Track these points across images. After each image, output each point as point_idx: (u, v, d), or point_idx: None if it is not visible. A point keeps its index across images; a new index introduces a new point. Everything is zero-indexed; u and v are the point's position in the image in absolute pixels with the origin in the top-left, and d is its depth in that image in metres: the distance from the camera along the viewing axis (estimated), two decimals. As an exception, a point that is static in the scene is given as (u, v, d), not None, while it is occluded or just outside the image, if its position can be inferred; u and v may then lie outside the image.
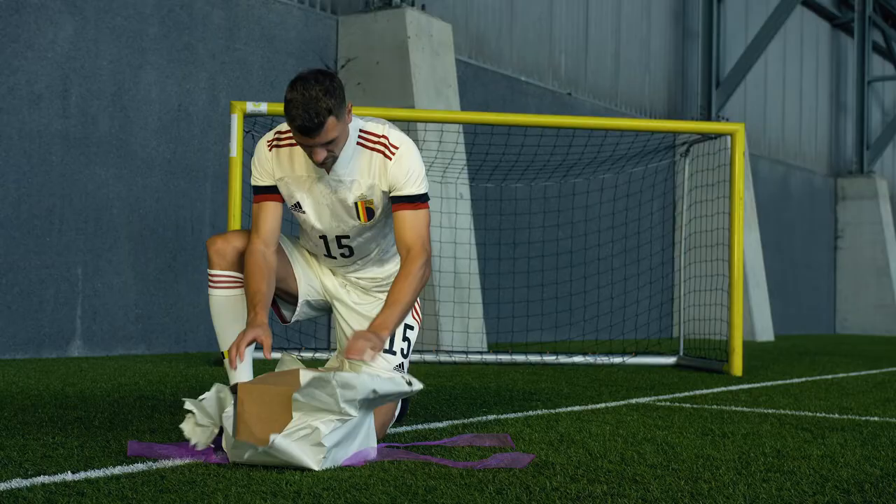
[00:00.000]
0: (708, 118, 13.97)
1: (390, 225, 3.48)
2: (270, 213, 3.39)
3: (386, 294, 3.50)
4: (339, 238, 3.44)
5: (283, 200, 3.42)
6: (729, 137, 7.34)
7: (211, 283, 3.44)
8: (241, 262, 3.40)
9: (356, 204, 3.35)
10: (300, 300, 3.57)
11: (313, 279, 3.59)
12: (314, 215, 3.40)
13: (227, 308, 3.42)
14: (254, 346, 3.49)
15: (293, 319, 3.65)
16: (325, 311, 3.71)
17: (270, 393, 3.00)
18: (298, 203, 3.38)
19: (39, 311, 6.79)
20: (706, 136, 7.98)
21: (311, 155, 3.20)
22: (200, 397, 3.06)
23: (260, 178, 3.40)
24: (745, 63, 14.18)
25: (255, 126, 6.97)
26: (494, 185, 9.43)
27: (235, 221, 6.52)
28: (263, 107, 6.48)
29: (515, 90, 11.15)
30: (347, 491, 2.56)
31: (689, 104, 14.37)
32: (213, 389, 3.05)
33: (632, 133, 8.51)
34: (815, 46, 18.15)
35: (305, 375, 2.87)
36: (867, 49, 18.45)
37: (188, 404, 3.02)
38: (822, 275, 18.15)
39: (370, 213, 3.37)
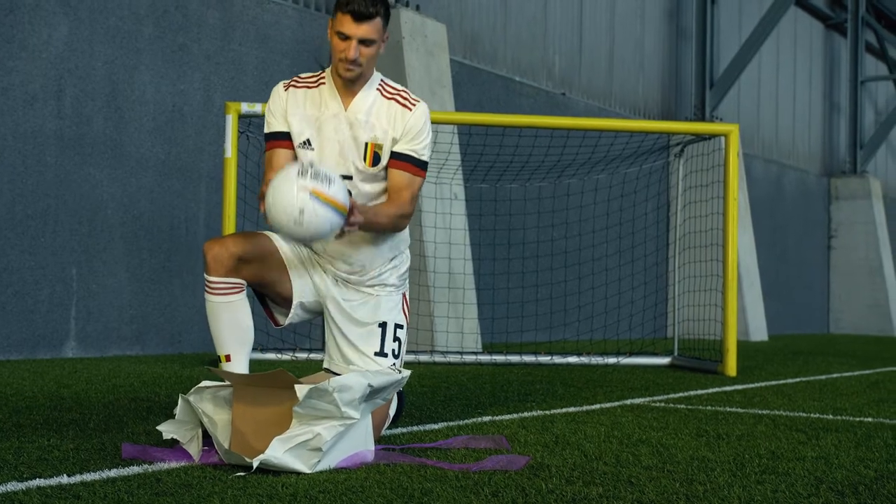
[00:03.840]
0: (702, 118, 14.00)
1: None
2: (283, 158, 3.49)
3: (372, 288, 3.57)
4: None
5: (293, 148, 3.50)
6: (723, 138, 7.35)
7: (208, 289, 3.43)
8: (238, 268, 3.40)
9: (366, 144, 3.45)
10: (294, 301, 3.56)
11: (305, 278, 3.57)
12: (321, 153, 3.46)
13: (224, 314, 3.42)
14: (250, 351, 3.50)
15: (287, 322, 3.64)
16: (317, 313, 3.69)
17: (265, 395, 3.01)
18: (307, 140, 3.47)
19: (34, 311, 6.78)
20: (700, 137, 7.99)
21: (344, 52, 3.35)
22: (174, 412, 3.09)
23: (274, 123, 3.51)
24: (739, 63, 14.21)
25: (250, 127, 6.97)
26: (489, 185, 9.44)
27: (230, 222, 6.52)
28: (258, 107, 6.48)
29: (510, 90, 11.16)
30: (343, 493, 2.56)
31: (683, 104, 14.39)
32: (180, 401, 3.07)
33: (626, 134, 8.52)
34: (809, 47, 18.19)
35: (301, 389, 2.87)
36: (860, 49, 18.50)
37: (166, 434, 3.04)
38: (815, 274, 18.19)
39: (376, 158, 3.46)
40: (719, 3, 14.63)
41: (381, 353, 3.50)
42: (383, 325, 3.54)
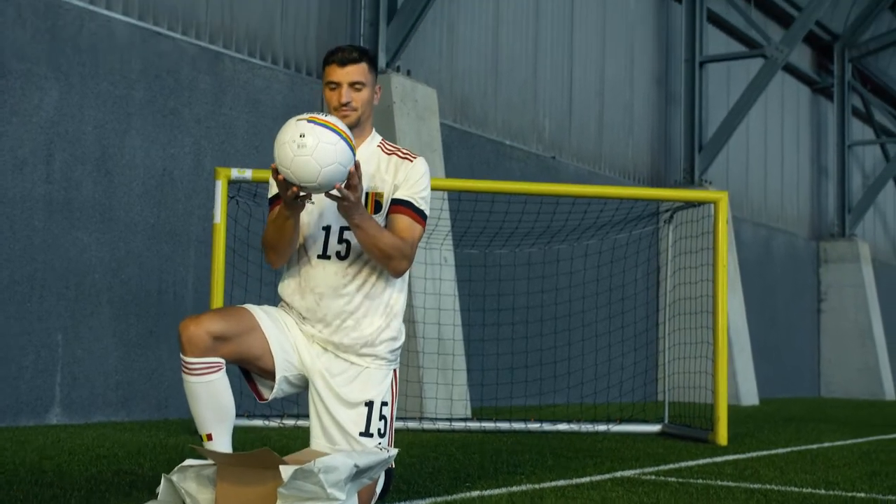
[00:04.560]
0: (691, 182, 14.07)
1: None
2: None
3: (363, 359, 3.49)
4: (342, 229, 3.48)
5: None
6: (712, 205, 7.38)
7: (185, 370, 3.39)
8: (216, 347, 3.35)
9: (367, 194, 3.50)
10: (278, 376, 3.50)
11: (290, 353, 3.51)
12: (320, 204, 3.48)
13: (203, 395, 3.37)
14: (231, 428, 3.45)
15: (271, 397, 3.59)
16: (303, 388, 3.63)
17: (249, 475, 2.95)
18: (308, 194, 3.44)
19: (18, 378, 6.70)
20: (690, 204, 8.02)
21: (336, 99, 3.47)
22: (157, 491, 3.05)
23: (276, 187, 3.50)
24: (728, 127, 14.33)
25: (240, 192, 6.96)
26: (479, 250, 9.43)
27: (219, 288, 6.48)
28: (248, 173, 6.47)
29: (500, 154, 11.22)
30: (327, 581, 2.50)
31: (672, 168, 14.48)
32: (163, 481, 3.03)
33: (616, 200, 8.54)
34: (796, 111, 18.38)
35: (286, 470, 2.82)
36: (847, 113, 18.70)
37: None
38: (805, 337, 18.17)
39: (377, 206, 3.52)
40: (707, 67, 14.81)
41: (367, 434, 3.45)
42: (370, 405, 3.48)
